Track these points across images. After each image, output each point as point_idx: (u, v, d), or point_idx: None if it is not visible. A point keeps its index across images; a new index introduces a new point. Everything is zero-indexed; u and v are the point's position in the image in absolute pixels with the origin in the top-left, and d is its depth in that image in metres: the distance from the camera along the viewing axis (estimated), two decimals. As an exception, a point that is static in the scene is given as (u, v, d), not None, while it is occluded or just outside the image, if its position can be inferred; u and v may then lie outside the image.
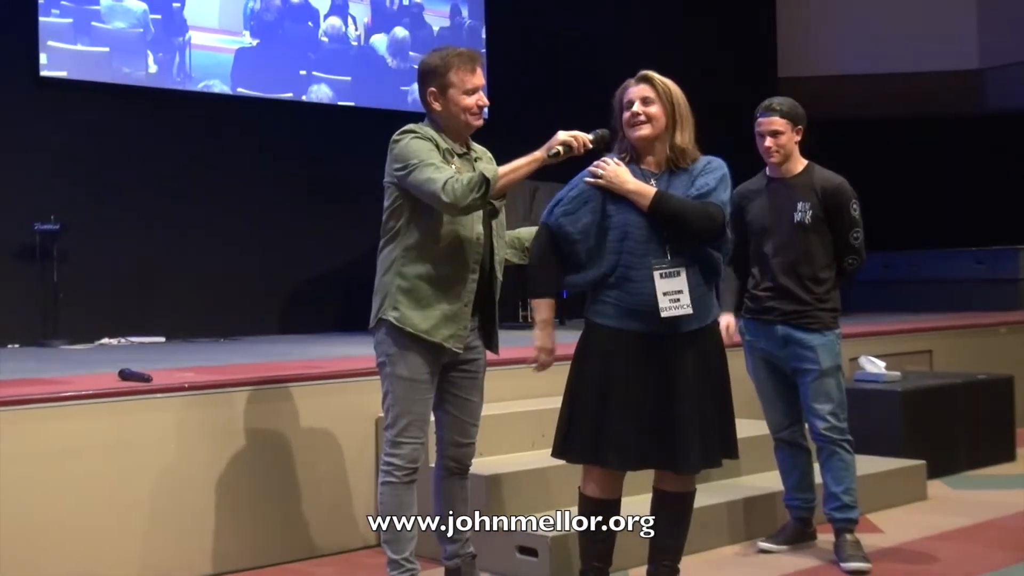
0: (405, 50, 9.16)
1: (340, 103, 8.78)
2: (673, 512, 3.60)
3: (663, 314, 3.36)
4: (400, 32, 9.15)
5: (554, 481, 4.34)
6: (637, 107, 3.46)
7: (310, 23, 8.71)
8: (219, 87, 8.22)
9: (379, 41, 9.06)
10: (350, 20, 8.91)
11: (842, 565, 4.21)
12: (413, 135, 3.54)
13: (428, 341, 3.53)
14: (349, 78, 8.83)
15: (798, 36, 11.52)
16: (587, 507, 3.54)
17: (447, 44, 3.75)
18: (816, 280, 4.29)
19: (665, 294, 3.36)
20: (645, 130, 3.45)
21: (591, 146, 3.52)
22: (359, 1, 8.96)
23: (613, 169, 3.44)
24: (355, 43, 8.94)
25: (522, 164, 3.47)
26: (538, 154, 3.47)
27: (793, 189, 4.33)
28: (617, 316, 3.42)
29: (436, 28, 9.38)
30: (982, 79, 11.13)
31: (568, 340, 3.64)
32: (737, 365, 4.78)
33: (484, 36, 9.49)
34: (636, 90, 3.49)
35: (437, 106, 3.60)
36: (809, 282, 4.28)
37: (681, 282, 3.38)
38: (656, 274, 3.36)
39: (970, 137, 11.07)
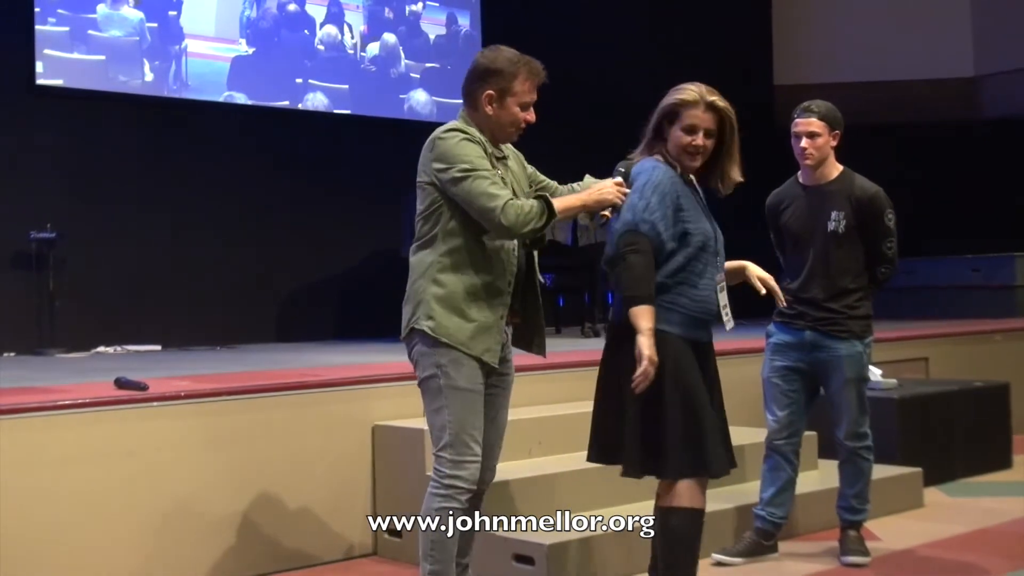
0: (401, 58, 9.17)
1: (336, 111, 8.78)
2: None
3: (727, 327, 3.44)
4: (396, 40, 9.16)
5: (553, 488, 4.33)
6: (699, 140, 3.37)
7: (306, 31, 8.72)
8: (215, 95, 8.22)
9: (375, 49, 9.06)
10: (346, 28, 8.92)
11: (842, 559, 4.34)
12: (463, 136, 3.31)
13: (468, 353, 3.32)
14: (346, 86, 8.83)
15: (793, 44, 11.53)
16: (699, 520, 3.40)
17: (501, 45, 3.45)
18: (847, 290, 4.28)
19: (723, 307, 3.42)
20: (698, 162, 3.43)
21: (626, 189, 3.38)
22: (355, 9, 8.97)
23: (760, 273, 3.67)
24: (351, 51, 8.94)
25: (573, 207, 3.37)
26: (587, 203, 3.37)
27: (827, 197, 4.31)
28: (683, 324, 3.35)
29: (432, 36, 9.39)
30: (978, 86, 11.15)
31: (565, 348, 3.63)
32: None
33: (481, 44, 9.49)
34: (703, 117, 3.37)
35: (489, 109, 3.36)
36: (840, 292, 4.27)
37: (726, 296, 3.45)
38: (717, 287, 3.42)
39: (966, 144, 11.07)
